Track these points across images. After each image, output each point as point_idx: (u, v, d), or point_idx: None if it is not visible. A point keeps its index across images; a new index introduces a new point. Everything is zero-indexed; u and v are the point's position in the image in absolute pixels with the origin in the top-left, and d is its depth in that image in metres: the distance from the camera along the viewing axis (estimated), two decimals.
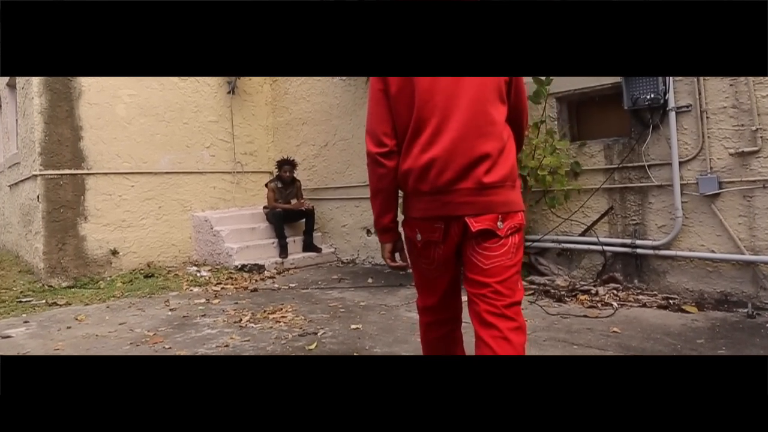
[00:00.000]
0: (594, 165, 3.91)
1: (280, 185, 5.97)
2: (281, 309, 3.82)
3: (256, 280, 5.11)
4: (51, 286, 5.10)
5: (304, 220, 5.97)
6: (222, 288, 4.79)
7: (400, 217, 1.60)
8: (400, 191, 1.59)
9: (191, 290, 4.77)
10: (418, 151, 1.48)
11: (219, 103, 6.47)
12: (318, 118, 6.19)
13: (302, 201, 5.97)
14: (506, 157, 1.49)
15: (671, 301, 3.33)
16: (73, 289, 5.07)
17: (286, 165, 5.97)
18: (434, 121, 1.47)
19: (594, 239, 3.88)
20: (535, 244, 4.17)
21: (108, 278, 5.46)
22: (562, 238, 4.06)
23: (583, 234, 3.97)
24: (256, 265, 5.50)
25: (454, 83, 1.47)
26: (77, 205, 5.45)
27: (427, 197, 1.49)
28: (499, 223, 1.46)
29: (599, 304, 3.46)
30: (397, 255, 1.66)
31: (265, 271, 5.48)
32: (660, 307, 3.31)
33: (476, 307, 1.48)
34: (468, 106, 1.46)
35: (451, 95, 1.47)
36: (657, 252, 3.55)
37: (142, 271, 5.64)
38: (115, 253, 5.67)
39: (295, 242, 5.99)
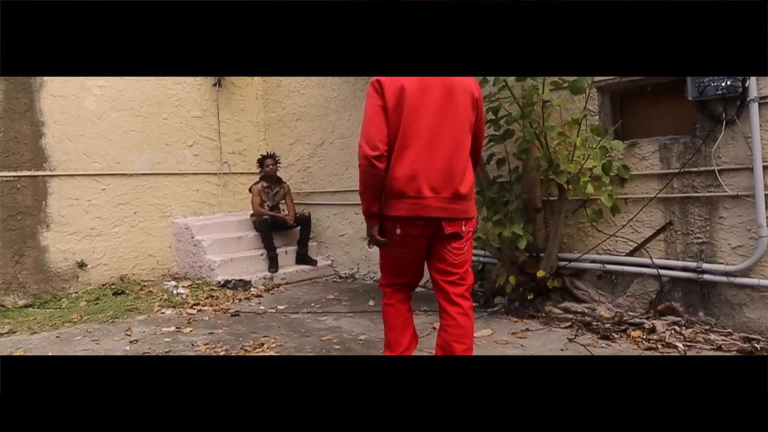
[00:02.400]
0: (646, 169, 3.19)
1: (265, 185, 5.28)
2: (262, 345, 3.12)
3: (240, 300, 4.42)
4: (3, 306, 4.42)
5: (298, 228, 5.28)
6: (199, 310, 4.10)
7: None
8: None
9: (163, 313, 4.08)
10: (408, 163, 1.86)
11: (203, 97, 5.77)
12: (313, 113, 5.49)
13: (290, 216, 5.23)
14: (470, 175, 1.96)
15: (755, 344, 2.61)
16: (29, 309, 4.39)
17: (268, 159, 5.30)
18: (421, 140, 1.86)
19: (646, 260, 3.16)
20: (572, 264, 3.46)
21: (73, 295, 4.78)
22: (605, 258, 3.35)
23: (632, 253, 3.26)
24: (241, 281, 4.81)
25: (438, 112, 1.87)
26: (38, 211, 4.76)
27: (410, 200, 1.88)
28: (463, 227, 1.95)
29: (658, 344, 2.75)
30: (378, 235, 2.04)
31: (252, 288, 4.79)
32: (741, 351, 2.59)
33: (446, 290, 1.98)
34: (449, 133, 1.88)
35: (436, 122, 1.86)
36: (732, 279, 2.83)
37: (113, 286, 4.96)
38: (82, 265, 4.98)
39: (287, 253, 5.29)
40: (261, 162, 5.32)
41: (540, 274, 3.34)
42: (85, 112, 5.00)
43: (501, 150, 3.56)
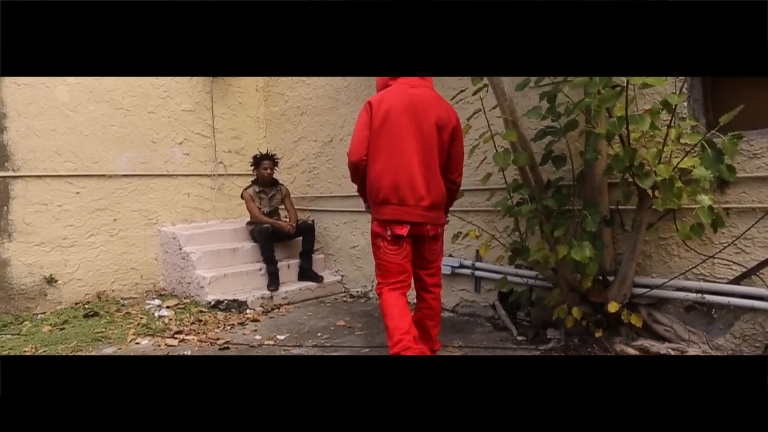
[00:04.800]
0: (758, 170, 2.44)
1: (258, 189, 4.56)
2: None
3: (233, 326, 3.69)
4: None
5: (301, 237, 4.55)
6: (181, 340, 3.37)
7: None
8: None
9: (137, 343, 3.35)
10: (392, 174, 2.34)
11: (196, 88, 5.06)
12: (321, 106, 4.77)
13: (292, 224, 4.49)
14: (442, 188, 2.45)
15: None
16: None
17: (266, 160, 4.56)
18: (402, 157, 2.34)
19: (761, 291, 2.41)
20: (652, 292, 2.71)
21: (39, 316, 4.08)
22: (698, 286, 2.59)
23: (738, 281, 2.50)
24: (234, 301, 4.08)
25: (415, 136, 2.35)
26: None
27: (393, 206, 2.36)
28: (439, 230, 2.50)
29: None
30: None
31: (247, 310, 4.06)
32: None
33: (424, 279, 2.55)
34: (423, 152, 2.36)
35: (413, 143, 2.35)
36: None
37: (86, 306, 4.25)
38: (51, 281, 4.28)
39: (289, 267, 4.56)
40: (257, 162, 4.60)
41: (613, 307, 2.59)
42: (56, 104, 4.30)
43: (561, 146, 2.81)
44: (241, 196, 4.63)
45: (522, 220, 2.92)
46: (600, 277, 2.79)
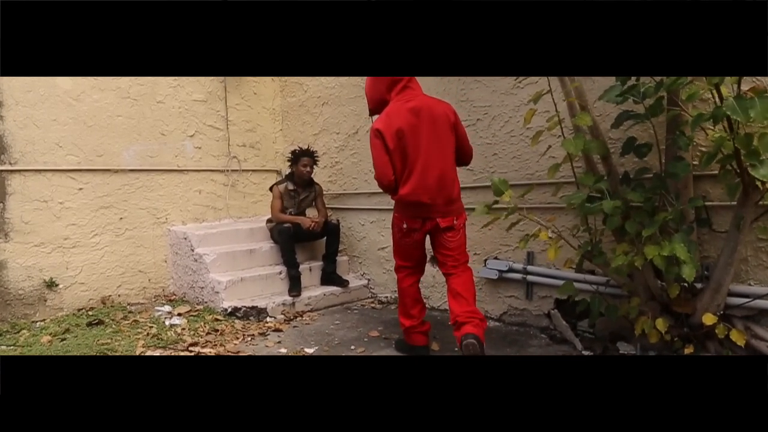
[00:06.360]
0: None
1: (291, 188, 4.15)
2: None
3: (253, 336, 3.32)
4: None
5: (323, 239, 4.17)
6: (196, 353, 3.00)
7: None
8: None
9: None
10: (412, 185, 2.56)
11: (208, 77, 4.69)
12: (344, 95, 4.39)
13: (317, 221, 4.05)
14: (457, 183, 2.67)
15: None
16: None
17: (305, 157, 4.09)
18: (419, 167, 2.55)
19: None
20: (752, 302, 2.32)
21: (39, 324, 3.70)
22: None
23: None
24: (253, 308, 3.70)
25: (428, 143, 2.55)
26: None
27: (414, 207, 2.62)
28: (455, 221, 2.65)
29: None
30: None
31: (268, 318, 3.68)
32: None
33: (447, 264, 2.71)
34: (438, 156, 2.56)
35: (427, 151, 2.55)
36: None
37: (90, 313, 3.88)
38: (52, 285, 3.91)
39: (311, 271, 4.18)
40: (295, 158, 4.11)
41: (709, 320, 2.21)
42: (57, 91, 3.93)
43: (643, 133, 2.43)
44: (270, 189, 4.23)
45: (591, 218, 2.54)
46: (685, 284, 2.41)
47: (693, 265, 2.10)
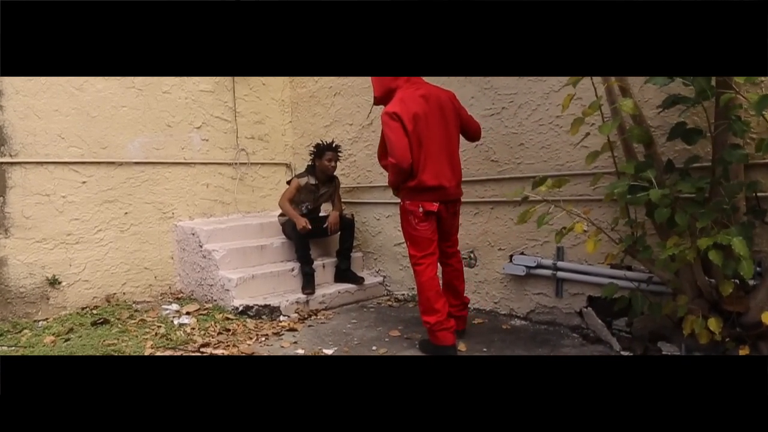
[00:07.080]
0: None
1: (313, 182, 3.97)
2: None
3: (267, 336, 3.16)
4: None
5: (338, 234, 4.00)
6: (209, 355, 2.84)
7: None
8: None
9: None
10: (430, 169, 2.65)
11: None
12: (357, 85, 4.22)
13: (309, 228, 3.73)
14: (460, 166, 2.85)
15: None
16: None
17: (330, 151, 3.90)
18: (435, 151, 2.66)
19: None
20: None
21: (41, 323, 3.55)
22: None
23: None
24: (266, 306, 3.54)
25: (440, 127, 2.68)
26: None
27: (433, 192, 2.67)
28: (458, 206, 2.89)
29: None
30: None
31: (281, 317, 3.52)
32: None
33: (446, 251, 2.88)
34: (449, 140, 2.73)
35: (441, 135, 2.68)
36: None
37: (94, 312, 3.72)
38: (55, 283, 3.74)
39: (324, 267, 4.02)
40: (319, 152, 3.91)
41: (767, 318, 2.04)
42: (59, 80, 3.75)
43: (687, 119, 2.27)
44: (288, 183, 4.06)
45: (633, 210, 2.38)
46: (736, 281, 2.24)
47: (751, 260, 1.94)
